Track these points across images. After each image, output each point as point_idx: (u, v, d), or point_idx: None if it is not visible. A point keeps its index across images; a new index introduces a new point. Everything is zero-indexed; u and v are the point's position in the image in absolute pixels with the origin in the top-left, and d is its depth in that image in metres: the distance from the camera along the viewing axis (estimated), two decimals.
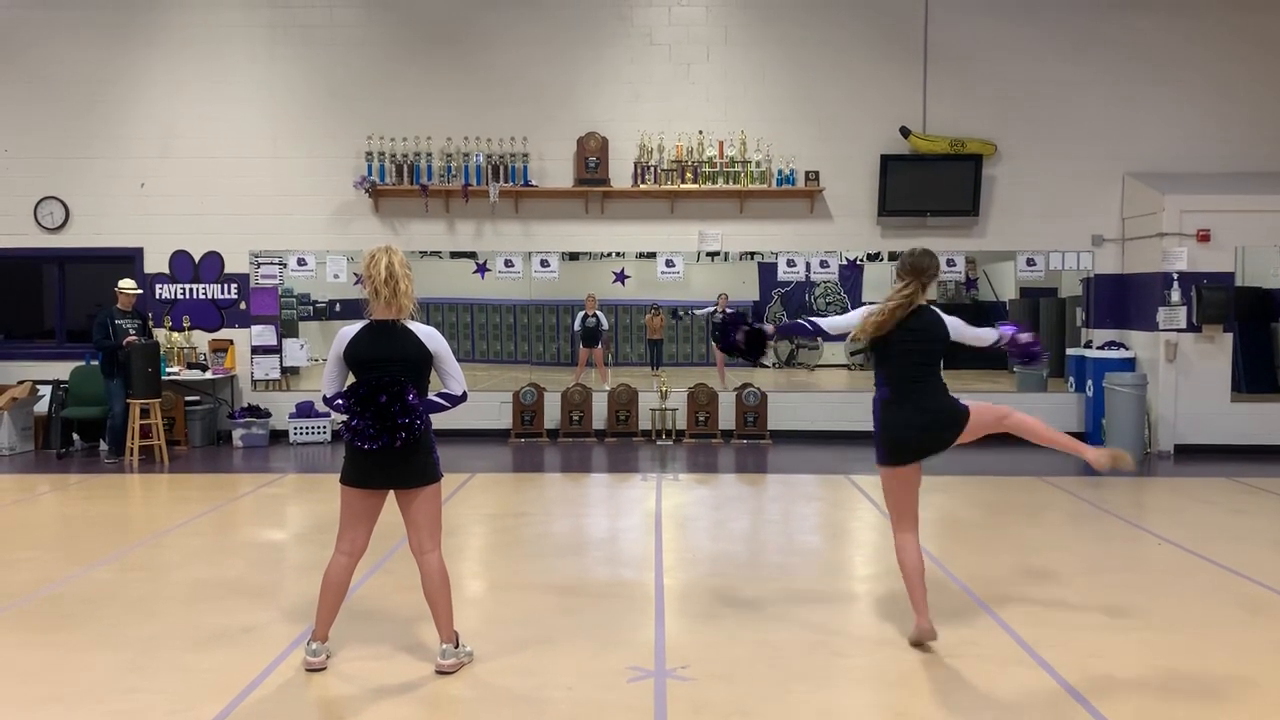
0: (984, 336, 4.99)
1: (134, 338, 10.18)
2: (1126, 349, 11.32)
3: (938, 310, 4.83)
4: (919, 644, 4.75)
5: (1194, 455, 10.73)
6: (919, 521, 4.92)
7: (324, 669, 4.51)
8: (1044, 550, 6.74)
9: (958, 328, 4.82)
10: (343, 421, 4.38)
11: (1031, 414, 5.04)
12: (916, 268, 4.74)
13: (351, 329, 4.43)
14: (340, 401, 4.37)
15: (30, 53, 11.69)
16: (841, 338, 4.89)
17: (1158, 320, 10.85)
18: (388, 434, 4.25)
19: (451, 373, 4.47)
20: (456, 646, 4.54)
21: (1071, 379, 11.89)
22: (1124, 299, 11.61)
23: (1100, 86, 11.58)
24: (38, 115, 11.69)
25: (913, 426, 4.70)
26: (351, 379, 4.43)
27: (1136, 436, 10.51)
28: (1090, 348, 11.61)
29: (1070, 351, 12.07)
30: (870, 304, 4.92)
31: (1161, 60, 11.57)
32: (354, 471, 4.42)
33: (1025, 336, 4.99)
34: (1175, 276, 10.76)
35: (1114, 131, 11.59)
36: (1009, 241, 11.79)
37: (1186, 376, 10.87)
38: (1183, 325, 10.78)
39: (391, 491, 4.47)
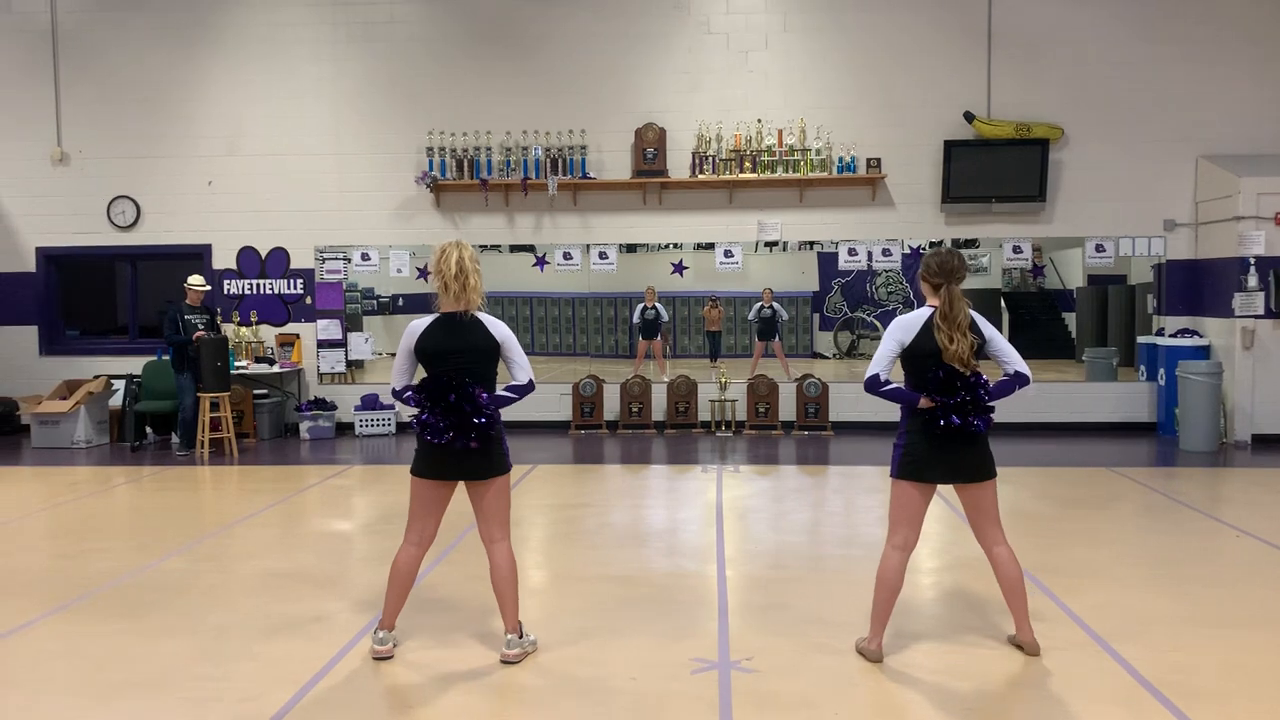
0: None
1: (203, 333, 10.39)
2: (1200, 336, 11.01)
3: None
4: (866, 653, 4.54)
5: (1273, 445, 10.41)
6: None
7: (391, 657, 4.56)
8: (1116, 543, 6.59)
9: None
10: (413, 415, 4.43)
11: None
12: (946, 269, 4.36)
13: (421, 323, 4.47)
14: (410, 395, 4.43)
15: (102, 56, 12.00)
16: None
17: (1234, 306, 10.53)
18: (461, 434, 4.30)
19: (518, 361, 4.50)
20: (521, 636, 4.57)
21: (1143, 368, 11.58)
22: (1198, 285, 11.28)
23: (1171, 66, 11.26)
24: (109, 117, 12.00)
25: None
26: (421, 372, 4.48)
27: (1211, 426, 10.22)
28: (1162, 335, 11.31)
29: (1141, 340, 11.76)
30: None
31: (1235, 37, 11.20)
32: (425, 463, 4.46)
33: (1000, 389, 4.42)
34: (1252, 261, 10.42)
35: (1186, 112, 11.26)
36: (1077, 228, 11.52)
37: (1264, 364, 10.54)
38: (1260, 311, 10.45)
39: (461, 482, 4.51)
